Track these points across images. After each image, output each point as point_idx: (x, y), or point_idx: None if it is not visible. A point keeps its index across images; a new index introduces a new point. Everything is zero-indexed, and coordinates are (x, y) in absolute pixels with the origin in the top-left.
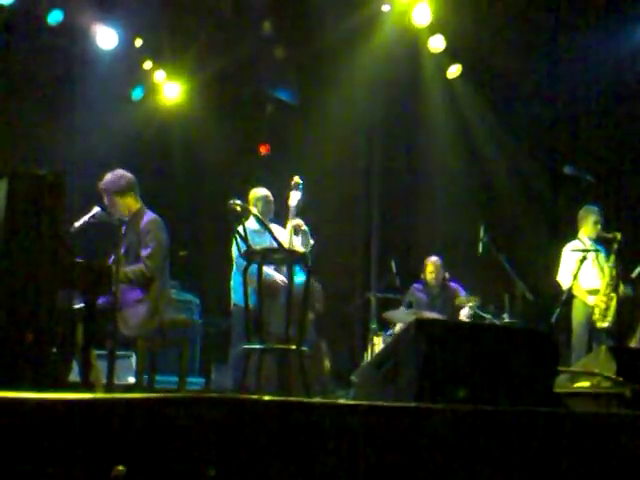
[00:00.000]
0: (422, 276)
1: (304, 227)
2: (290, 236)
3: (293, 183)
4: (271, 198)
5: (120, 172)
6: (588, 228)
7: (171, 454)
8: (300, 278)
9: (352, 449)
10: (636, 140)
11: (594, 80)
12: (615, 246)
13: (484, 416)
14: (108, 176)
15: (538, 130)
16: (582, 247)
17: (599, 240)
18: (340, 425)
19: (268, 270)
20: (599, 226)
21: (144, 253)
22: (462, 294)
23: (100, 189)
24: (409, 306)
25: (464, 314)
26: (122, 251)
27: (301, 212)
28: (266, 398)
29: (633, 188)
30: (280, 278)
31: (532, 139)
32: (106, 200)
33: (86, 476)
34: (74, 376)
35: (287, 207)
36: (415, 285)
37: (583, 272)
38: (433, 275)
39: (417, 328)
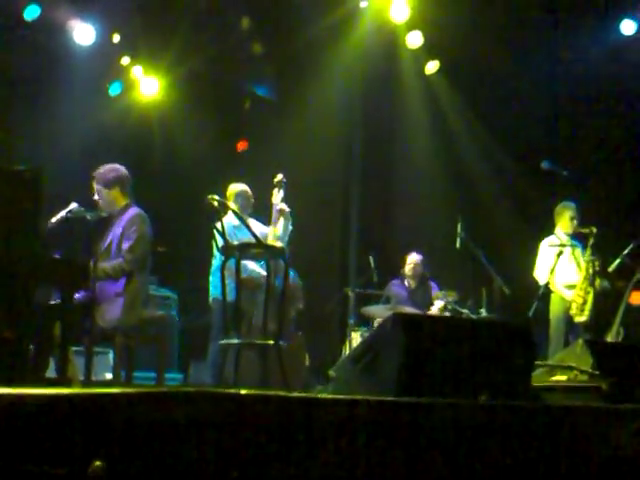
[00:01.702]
0: (401, 271)
1: (287, 210)
2: (273, 234)
3: (276, 181)
4: (250, 193)
5: (113, 166)
6: (564, 224)
7: (149, 449)
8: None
9: (331, 443)
10: (612, 136)
11: (571, 77)
12: (591, 240)
13: (462, 410)
14: (101, 167)
15: (516, 126)
16: (559, 242)
17: (575, 235)
18: (319, 419)
19: (254, 267)
20: (575, 222)
21: (125, 246)
22: (435, 290)
23: (92, 177)
24: (387, 302)
25: (436, 308)
26: (104, 246)
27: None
28: (244, 392)
29: (609, 183)
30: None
31: (510, 135)
32: (94, 189)
33: (64, 472)
34: (51, 372)
35: (270, 204)
36: (393, 281)
37: (560, 267)
38: (412, 271)
39: (395, 322)
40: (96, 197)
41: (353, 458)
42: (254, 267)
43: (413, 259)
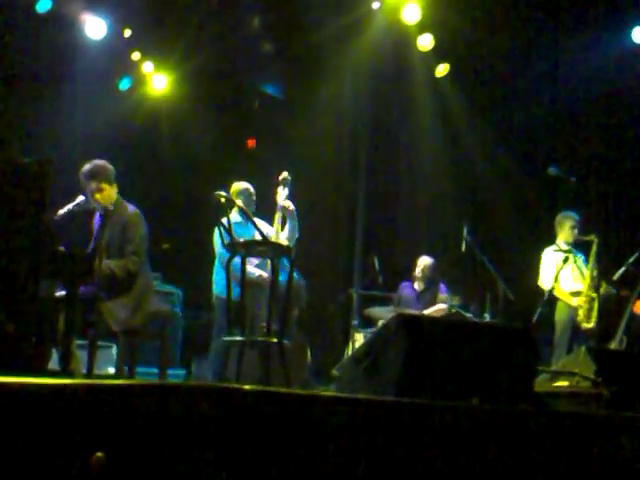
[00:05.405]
0: (412, 274)
1: (292, 209)
2: (277, 232)
3: (281, 179)
4: (252, 191)
5: (102, 161)
6: (565, 233)
7: (150, 441)
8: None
9: (331, 441)
10: (617, 143)
11: (579, 83)
12: (594, 248)
13: (464, 413)
14: (95, 163)
15: (523, 130)
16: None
17: (577, 244)
18: (320, 416)
19: (250, 268)
20: (576, 231)
21: (130, 249)
22: (443, 293)
23: (84, 175)
24: (398, 304)
25: (435, 308)
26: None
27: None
28: (247, 387)
29: (615, 190)
30: (264, 275)
31: (517, 139)
32: (92, 186)
33: (65, 462)
34: (54, 364)
35: (274, 203)
36: (403, 283)
37: (564, 275)
38: (421, 273)
39: (398, 323)
40: (96, 195)
41: (353, 457)
42: (250, 269)
43: (423, 262)
